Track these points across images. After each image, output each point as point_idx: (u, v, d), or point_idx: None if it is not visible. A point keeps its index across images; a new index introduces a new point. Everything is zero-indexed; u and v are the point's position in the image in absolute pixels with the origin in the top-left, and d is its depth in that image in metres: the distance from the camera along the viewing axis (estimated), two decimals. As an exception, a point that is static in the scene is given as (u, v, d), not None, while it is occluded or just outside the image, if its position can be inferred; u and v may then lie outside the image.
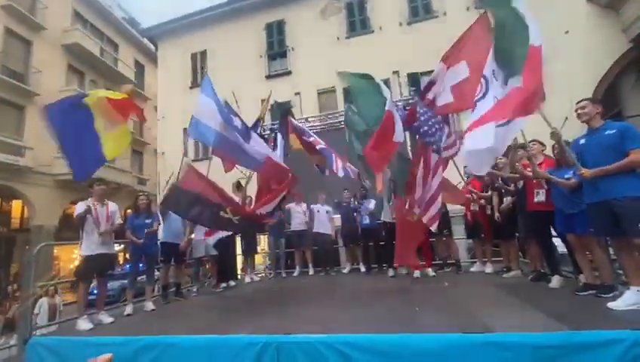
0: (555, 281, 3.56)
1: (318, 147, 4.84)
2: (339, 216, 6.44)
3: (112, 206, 4.00)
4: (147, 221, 4.46)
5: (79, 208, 3.73)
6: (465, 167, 5.16)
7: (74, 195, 13.03)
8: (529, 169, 3.54)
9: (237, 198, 4.74)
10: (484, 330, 2.23)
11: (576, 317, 2.47)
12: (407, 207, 4.09)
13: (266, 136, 7.45)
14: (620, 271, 3.14)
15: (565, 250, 3.67)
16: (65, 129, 3.38)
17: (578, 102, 2.91)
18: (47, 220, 12.65)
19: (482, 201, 4.88)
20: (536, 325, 2.35)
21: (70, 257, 13.37)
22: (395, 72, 10.85)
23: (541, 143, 3.75)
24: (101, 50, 15.73)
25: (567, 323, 2.28)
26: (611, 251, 3.27)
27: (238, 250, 6.47)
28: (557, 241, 3.80)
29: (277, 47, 12.76)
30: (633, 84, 9.48)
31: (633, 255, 2.60)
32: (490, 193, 4.76)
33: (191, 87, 13.46)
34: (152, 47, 16.32)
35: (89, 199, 3.87)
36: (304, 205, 6.43)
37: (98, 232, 3.71)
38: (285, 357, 2.30)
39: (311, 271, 6.35)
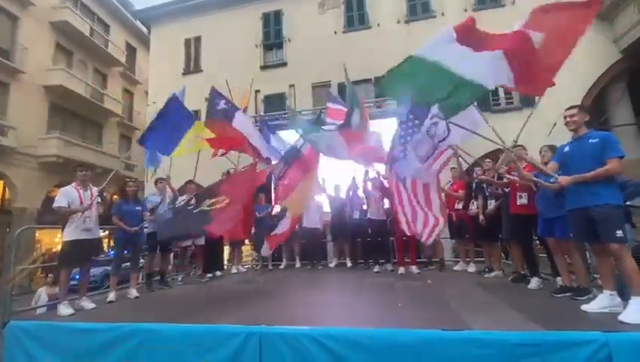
0: (534, 283, 3.67)
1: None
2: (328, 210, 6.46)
3: (97, 191, 3.93)
4: (137, 208, 4.40)
5: (61, 200, 3.62)
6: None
7: (58, 178, 12.73)
8: (514, 173, 3.61)
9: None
10: (463, 327, 2.30)
11: (552, 317, 2.56)
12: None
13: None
14: (596, 276, 3.26)
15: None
16: (169, 114, 4.34)
17: (568, 109, 2.94)
18: (29, 203, 12.33)
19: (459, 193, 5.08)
20: (513, 324, 2.43)
21: (53, 241, 13.09)
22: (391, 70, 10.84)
23: (523, 148, 3.83)
24: (91, 29, 15.24)
25: (542, 323, 2.36)
26: (588, 256, 3.39)
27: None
28: None
29: (273, 38, 12.58)
30: (621, 94, 9.72)
31: (608, 260, 2.69)
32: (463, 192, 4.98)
33: (184, 73, 13.19)
34: (144, 29, 15.90)
35: (72, 184, 3.79)
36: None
37: (82, 215, 3.63)
38: (268, 348, 2.32)
39: (298, 264, 6.38)
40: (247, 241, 7.50)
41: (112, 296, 4.07)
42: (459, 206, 5.12)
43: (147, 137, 4.39)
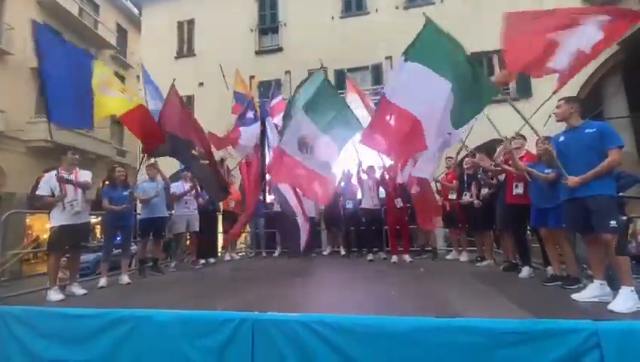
0: (525, 272, 3.72)
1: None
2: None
3: (83, 174, 3.82)
4: (125, 193, 4.32)
5: (43, 188, 3.53)
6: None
7: (48, 163, 12.48)
8: (510, 163, 3.61)
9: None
10: (455, 315, 2.31)
11: (542, 306, 2.59)
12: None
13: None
14: (585, 266, 3.30)
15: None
16: (57, 66, 3.56)
17: (559, 101, 2.93)
18: (18, 188, 12.11)
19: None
20: (504, 312, 2.45)
21: (44, 227, 12.93)
22: (388, 58, 10.69)
23: (524, 138, 3.82)
24: (80, 9, 14.72)
25: (533, 311, 2.39)
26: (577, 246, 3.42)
27: (220, 228, 6.43)
28: None
29: (269, 22, 12.28)
30: (616, 87, 9.72)
31: (600, 250, 2.71)
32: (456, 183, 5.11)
33: (177, 57, 12.89)
34: (135, 10, 15.40)
35: (58, 168, 3.68)
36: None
37: (64, 200, 3.53)
38: (261, 335, 2.32)
39: (291, 252, 6.38)
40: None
41: (103, 281, 4.04)
42: (452, 196, 5.13)
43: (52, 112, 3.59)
